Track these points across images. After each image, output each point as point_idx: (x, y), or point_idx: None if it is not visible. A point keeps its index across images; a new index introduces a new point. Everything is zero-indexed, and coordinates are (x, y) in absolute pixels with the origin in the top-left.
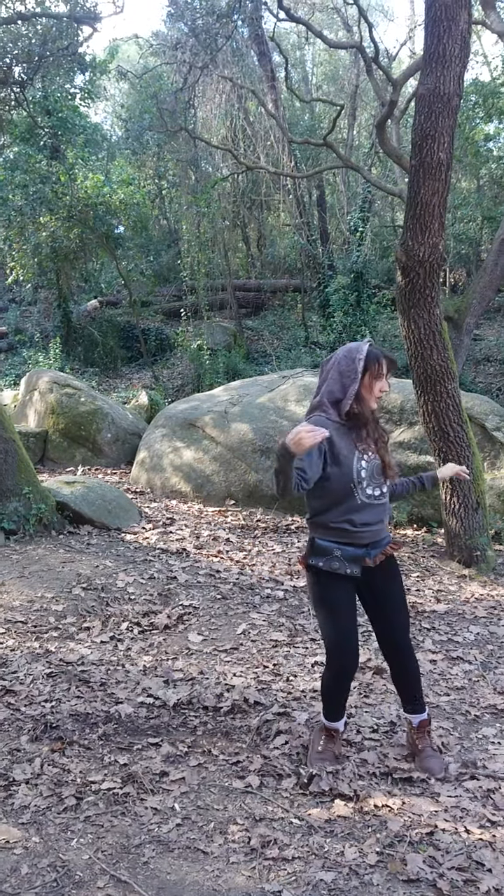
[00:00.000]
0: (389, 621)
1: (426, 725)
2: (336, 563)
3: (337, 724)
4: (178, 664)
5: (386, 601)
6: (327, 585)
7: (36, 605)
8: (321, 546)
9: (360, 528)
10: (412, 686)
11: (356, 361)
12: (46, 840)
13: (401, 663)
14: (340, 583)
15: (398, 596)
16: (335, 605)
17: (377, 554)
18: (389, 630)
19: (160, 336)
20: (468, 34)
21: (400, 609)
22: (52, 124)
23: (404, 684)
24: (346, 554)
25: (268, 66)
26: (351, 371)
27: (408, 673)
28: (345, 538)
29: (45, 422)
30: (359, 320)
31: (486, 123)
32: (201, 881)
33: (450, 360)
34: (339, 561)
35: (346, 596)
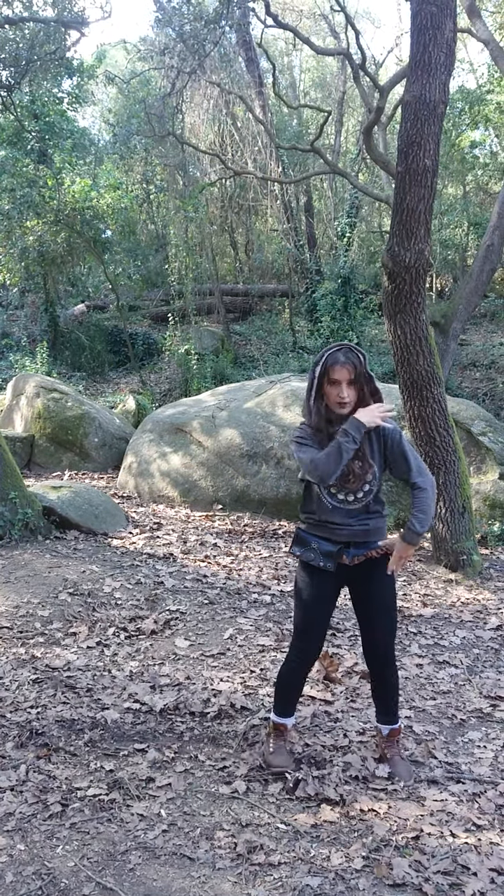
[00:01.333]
0: (370, 626)
1: (396, 735)
2: (311, 555)
3: (286, 719)
4: (165, 669)
5: (368, 604)
6: (304, 575)
7: (22, 610)
8: (301, 536)
9: (336, 525)
10: (388, 696)
11: (314, 368)
12: (31, 847)
13: (379, 671)
14: (318, 575)
15: (379, 601)
16: (307, 595)
17: (357, 555)
18: (370, 634)
19: (148, 340)
20: (453, 42)
21: (381, 614)
22: (40, 128)
23: (381, 694)
24: (322, 548)
25: (255, 71)
26: (310, 381)
27: (385, 682)
28: (322, 532)
29: (32, 426)
30: (346, 325)
31: (471, 130)
32: (187, 887)
33: (436, 365)
34: (315, 553)
35: (320, 588)
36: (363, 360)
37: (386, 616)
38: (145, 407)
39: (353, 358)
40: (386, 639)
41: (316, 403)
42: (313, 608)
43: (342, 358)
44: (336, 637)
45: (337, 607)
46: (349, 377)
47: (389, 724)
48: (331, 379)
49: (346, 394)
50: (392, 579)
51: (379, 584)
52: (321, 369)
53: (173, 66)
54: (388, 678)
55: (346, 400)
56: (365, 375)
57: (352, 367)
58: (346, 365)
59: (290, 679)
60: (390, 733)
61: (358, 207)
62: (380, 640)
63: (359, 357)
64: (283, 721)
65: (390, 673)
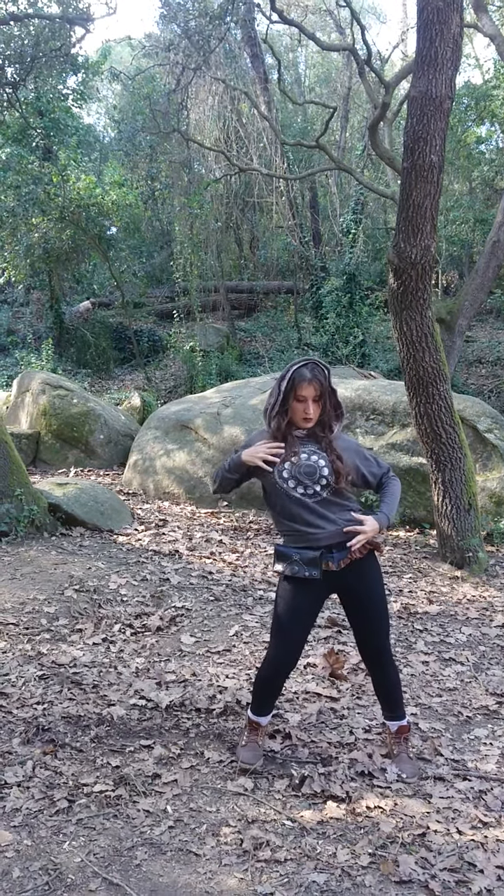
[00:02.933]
0: (364, 626)
1: (405, 731)
2: (295, 567)
3: (260, 718)
4: (171, 666)
5: (359, 604)
6: (288, 587)
7: (28, 607)
8: (280, 552)
9: (311, 529)
10: (392, 694)
11: (280, 382)
12: (38, 843)
13: (380, 671)
14: (303, 588)
15: (369, 600)
16: (287, 606)
17: (341, 558)
18: (365, 635)
19: (153, 337)
20: (460, 37)
21: (374, 613)
22: (45, 125)
23: (384, 692)
24: (303, 557)
25: (260, 68)
26: (276, 394)
27: (388, 680)
28: (300, 542)
29: (38, 423)
30: (351, 322)
31: (478, 126)
32: (193, 883)
33: (442, 361)
34: (298, 564)
35: (303, 600)
36: (328, 375)
37: (379, 615)
38: (150, 404)
39: (319, 375)
40: (381, 637)
41: (278, 417)
42: (294, 620)
43: (308, 375)
44: (342, 634)
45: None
46: (315, 394)
47: (397, 720)
48: (297, 395)
49: (311, 411)
50: (380, 577)
51: (368, 582)
52: (287, 385)
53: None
54: (389, 674)
55: (310, 416)
56: (329, 391)
57: (318, 384)
58: (312, 382)
59: (267, 686)
60: (399, 730)
61: (363, 204)
62: (375, 640)
63: (324, 372)
64: (258, 719)
65: (390, 669)
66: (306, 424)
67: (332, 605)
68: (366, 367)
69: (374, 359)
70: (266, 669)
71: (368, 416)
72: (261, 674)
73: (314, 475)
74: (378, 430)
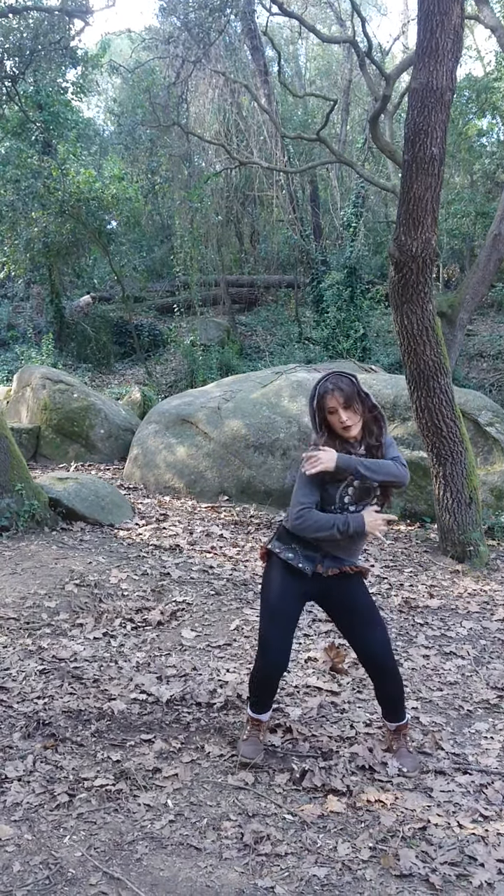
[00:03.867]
0: (363, 638)
1: (403, 729)
2: (291, 554)
3: (260, 715)
4: (172, 660)
5: (353, 617)
6: (276, 575)
7: (28, 601)
8: (283, 535)
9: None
10: (394, 701)
11: (311, 403)
12: (39, 837)
13: (382, 681)
14: (290, 577)
15: (364, 612)
16: (275, 593)
17: (332, 567)
18: (366, 647)
19: (153, 332)
20: (461, 28)
21: (371, 624)
22: (44, 119)
23: (386, 700)
24: (303, 550)
25: (261, 60)
26: (311, 416)
27: (388, 691)
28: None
29: (38, 418)
30: (352, 316)
31: (479, 119)
32: (194, 877)
33: (443, 355)
34: (295, 553)
35: (290, 593)
36: (353, 381)
37: (376, 625)
38: (151, 398)
39: (340, 383)
40: (383, 648)
41: (324, 436)
42: (281, 612)
43: (330, 386)
44: None
45: None
46: (342, 402)
47: (396, 721)
48: (327, 408)
49: (345, 418)
50: (367, 591)
51: (356, 596)
52: (317, 403)
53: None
54: (393, 683)
55: (347, 424)
56: (359, 396)
57: (340, 391)
58: (335, 392)
59: (261, 685)
60: (397, 728)
61: (364, 197)
62: (378, 651)
63: (346, 380)
64: (257, 717)
65: (394, 679)
66: (349, 434)
67: None
68: (367, 361)
69: (374, 353)
70: (257, 669)
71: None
72: (253, 674)
73: (370, 496)
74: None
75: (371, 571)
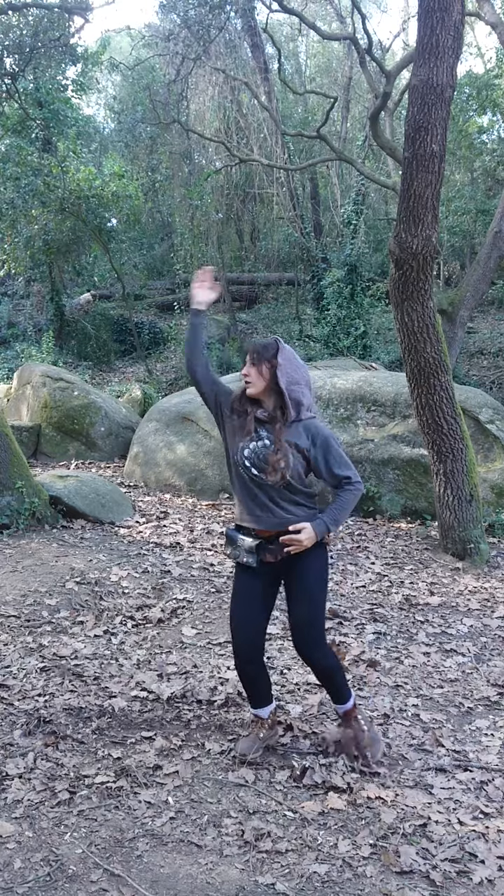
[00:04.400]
0: (291, 614)
1: (351, 713)
2: (237, 552)
3: (258, 710)
4: (172, 658)
5: (291, 593)
6: (238, 572)
7: (29, 599)
8: (229, 535)
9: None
10: (323, 681)
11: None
12: (39, 834)
13: (307, 657)
14: (247, 572)
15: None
16: (235, 593)
17: (278, 552)
18: (291, 623)
19: (153, 330)
20: (461, 25)
21: (297, 601)
22: (44, 116)
23: (319, 679)
24: (244, 544)
25: (261, 57)
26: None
27: (319, 673)
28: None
29: (39, 416)
30: (353, 313)
31: (479, 116)
32: (195, 874)
33: (443, 352)
34: (239, 550)
35: (248, 585)
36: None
37: (304, 604)
38: (151, 396)
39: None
40: (301, 624)
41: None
42: (241, 606)
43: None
44: (343, 626)
45: (343, 595)
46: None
47: (341, 703)
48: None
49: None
50: (319, 568)
51: (297, 572)
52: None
53: (178, 53)
54: (314, 662)
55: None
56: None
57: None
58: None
59: (243, 678)
60: (345, 714)
61: (364, 195)
62: (298, 633)
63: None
64: (255, 712)
65: (322, 663)
66: (249, 390)
67: (331, 596)
68: (367, 358)
69: (375, 350)
70: (235, 660)
71: (370, 407)
72: (235, 667)
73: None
74: (379, 422)
75: (371, 569)
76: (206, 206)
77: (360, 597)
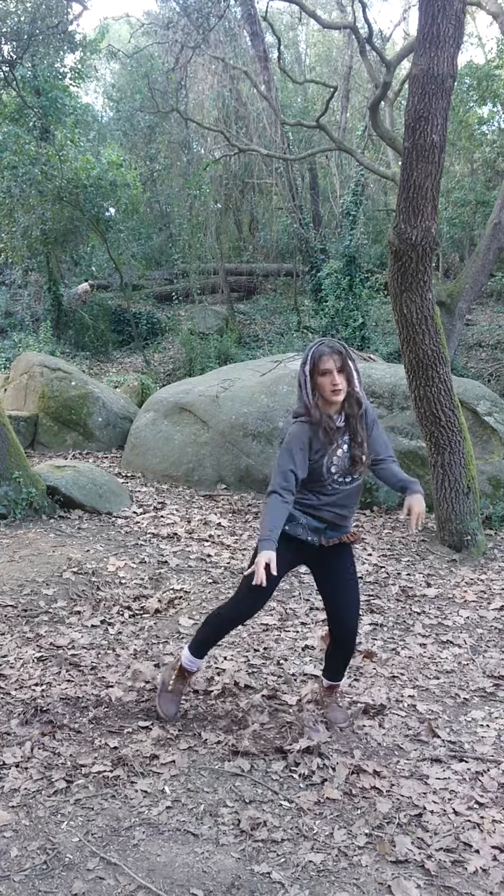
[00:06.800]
0: (345, 600)
1: (336, 689)
2: (299, 530)
3: (200, 661)
4: (169, 648)
5: (338, 581)
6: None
7: (26, 589)
8: (292, 514)
9: (336, 510)
10: (343, 662)
11: (303, 367)
12: (36, 823)
13: (343, 640)
14: (290, 545)
15: (349, 579)
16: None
17: (333, 537)
18: (338, 607)
19: (151, 320)
20: (462, 14)
21: (352, 591)
22: (42, 104)
23: (337, 659)
24: (310, 524)
25: (260, 46)
26: (302, 380)
27: (345, 651)
28: (310, 511)
29: (36, 406)
30: (351, 305)
31: (480, 106)
32: (191, 863)
33: (442, 344)
34: (303, 528)
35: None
36: (347, 348)
37: (354, 585)
38: (149, 387)
39: (337, 346)
40: (353, 609)
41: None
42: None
43: (327, 349)
44: None
45: None
46: (338, 364)
47: (336, 680)
48: (321, 370)
49: (338, 381)
50: (354, 562)
51: (346, 561)
52: (310, 366)
53: (177, 41)
54: (349, 646)
55: (339, 387)
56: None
57: (338, 354)
58: (332, 354)
59: (222, 626)
60: (330, 686)
61: (364, 185)
62: (353, 612)
63: (342, 345)
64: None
65: (352, 641)
66: (336, 397)
67: None
68: (365, 350)
69: (373, 342)
70: (228, 610)
71: (368, 398)
72: (221, 613)
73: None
74: (377, 413)
75: (369, 560)
76: (205, 195)
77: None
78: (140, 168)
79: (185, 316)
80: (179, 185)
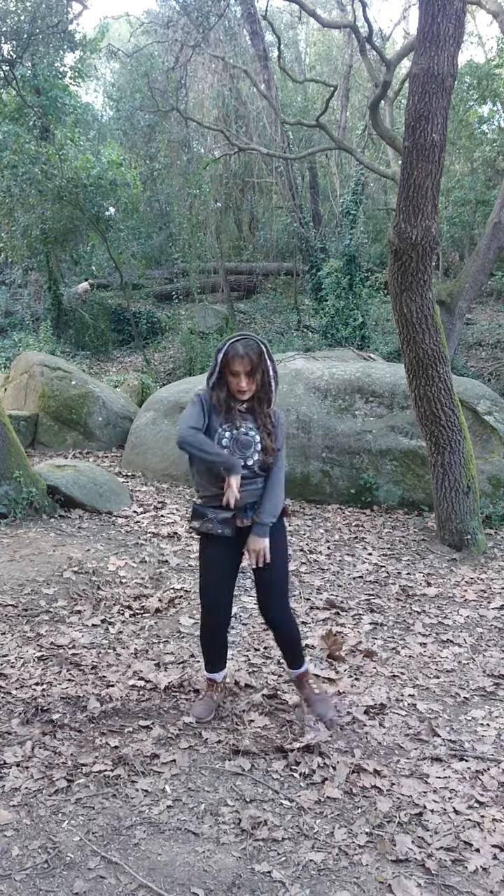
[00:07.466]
0: (262, 583)
1: (305, 677)
2: (210, 525)
3: (213, 675)
4: (170, 647)
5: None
6: (205, 544)
7: (27, 588)
8: (197, 510)
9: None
10: (288, 649)
11: (217, 354)
12: (37, 822)
13: (273, 624)
14: (215, 543)
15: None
16: (207, 565)
17: (249, 516)
18: (258, 590)
19: (151, 319)
20: (463, 13)
21: (274, 571)
22: (42, 104)
23: (282, 648)
24: (217, 517)
25: (260, 45)
26: (213, 366)
27: (287, 637)
28: (216, 502)
29: (36, 405)
30: (351, 304)
31: (480, 106)
32: (192, 862)
33: (442, 344)
34: (213, 522)
35: (218, 555)
36: (263, 351)
37: (275, 569)
38: (149, 386)
39: (251, 351)
40: (274, 590)
41: (217, 390)
42: (213, 575)
43: (241, 351)
44: (340, 616)
45: (340, 586)
46: (247, 369)
47: (295, 668)
48: (231, 370)
49: (244, 385)
50: (283, 537)
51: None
52: (222, 359)
53: (177, 40)
54: (282, 627)
55: (243, 390)
56: (264, 367)
57: (249, 360)
58: (244, 358)
59: (205, 643)
60: (299, 677)
61: (364, 184)
62: (273, 598)
63: (257, 348)
64: (210, 676)
65: (290, 627)
66: (241, 397)
67: (329, 586)
68: (365, 349)
69: (373, 341)
70: (202, 629)
71: (367, 398)
72: (201, 634)
73: (249, 448)
74: (377, 413)
75: (369, 560)
76: (205, 194)
77: (358, 587)
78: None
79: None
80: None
